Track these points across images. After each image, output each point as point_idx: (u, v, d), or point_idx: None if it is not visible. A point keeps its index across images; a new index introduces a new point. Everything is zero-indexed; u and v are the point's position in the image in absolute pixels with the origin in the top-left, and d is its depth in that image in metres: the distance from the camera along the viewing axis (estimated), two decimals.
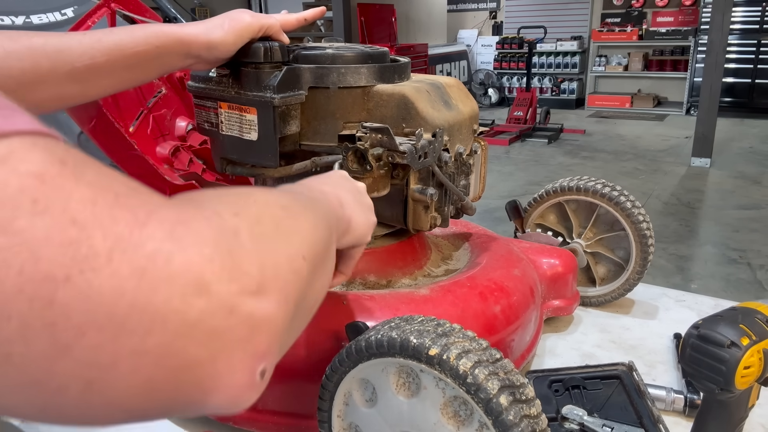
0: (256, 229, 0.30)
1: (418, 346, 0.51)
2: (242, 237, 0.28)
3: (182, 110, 1.06)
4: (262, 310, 0.27)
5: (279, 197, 0.37)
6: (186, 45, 0.66)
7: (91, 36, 0.62)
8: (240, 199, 0.32)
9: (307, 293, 0.35)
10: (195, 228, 0.26)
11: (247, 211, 0.31)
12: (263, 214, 0.32)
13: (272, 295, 0.28)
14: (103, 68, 0.61)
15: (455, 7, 10.38)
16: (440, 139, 0.74)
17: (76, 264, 0.22)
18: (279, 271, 0.30)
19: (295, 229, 0.35)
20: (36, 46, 0.58)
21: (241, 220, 0.29)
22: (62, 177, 0.22)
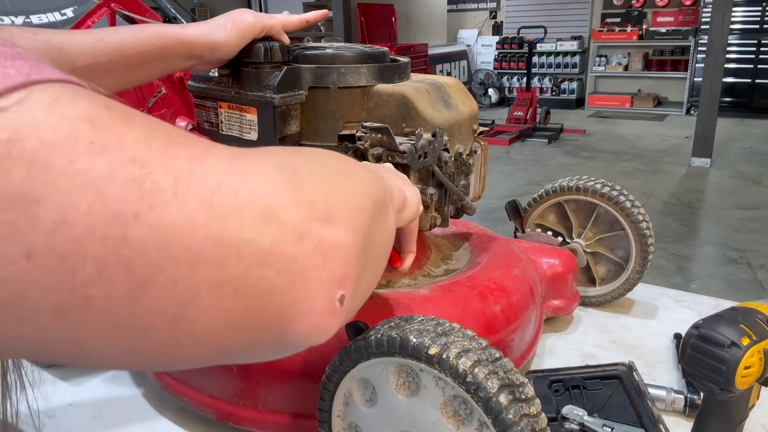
0: (315, 168, 0.30)
1: (418, 345, 0.51)
2: (301, 173, 0.28)
3: (182, 110, 1.06)
4: (332, 237, 0.27)
5: (332, 153, 0.37)
6: (188, 46, 0.67)
7: (94, 35, 0.62)
8: (292, 149, 0.33)
9: (374, 234, 0.34)
10: (254, 161, 0.26)
11: (302, 155, 0.31)
12: (319, 159, 0.32)
13: (340, 223, 0.28)
14: (105, 68, 0.61)
15: (455, 7, 10.38)
16: (440, 138, 0.75)
17: (144, 200, 0.22)
18: (343, 203, 0.30)
19: (353, 174, 0.35)
20: (38, 45, 0.57)
21: (299, 161, 0.30)
22: (112, 120, 0.22)
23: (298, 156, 0.31)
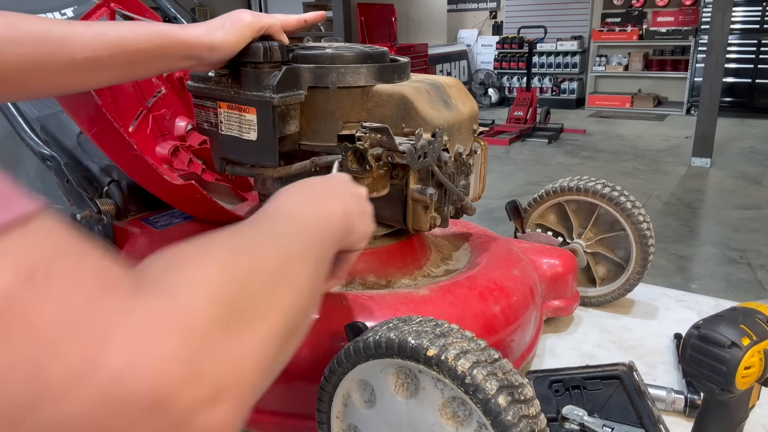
0: (225, 317, 0.29)
1: (416, 346, 0.51)
2: (208, 336, 0.28)
3: (182, 110, 1.06)
4: (214, 421, 0.28)
5: (264, 257, 0.36)
6: (187, 47, 0.67)
7: (95, 28, 0.61)
8: (217, 270, 0.31)
9: (279, 357, 0.35)
10: (155, 338, 0.26)
11: (219, 292, 0.30)
12: (237, 294, 0.31)
13: (228, 401, 0.28)
14: (104, 62, 0.61)
15: (455, 7, 10.37)
16: (440, 139, 0.74)
17: (36, 397, 0.22)
18: (240, 370, 0.30)
19: (273, 304, 0.34)
20: (38, 34, 0.57)
21: (210, 310, 0.29)
22: (25, 298, 0.23)
23: (216, 295, 0.30)
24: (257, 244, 0.37)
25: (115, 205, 0.96)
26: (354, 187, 0.58)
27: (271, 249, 0.37)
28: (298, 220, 0.45)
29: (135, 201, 1.00)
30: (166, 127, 1.03)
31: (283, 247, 0.39)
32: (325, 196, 0.52)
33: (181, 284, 0.29)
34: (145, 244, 0.93)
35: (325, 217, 0.49)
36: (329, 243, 0.47)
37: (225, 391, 0.28)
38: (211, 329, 0.28)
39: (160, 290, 0.28)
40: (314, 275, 0.41)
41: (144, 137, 0.98)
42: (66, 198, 0.97)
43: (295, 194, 0.50)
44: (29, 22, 0.58)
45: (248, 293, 0.32)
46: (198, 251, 0.33)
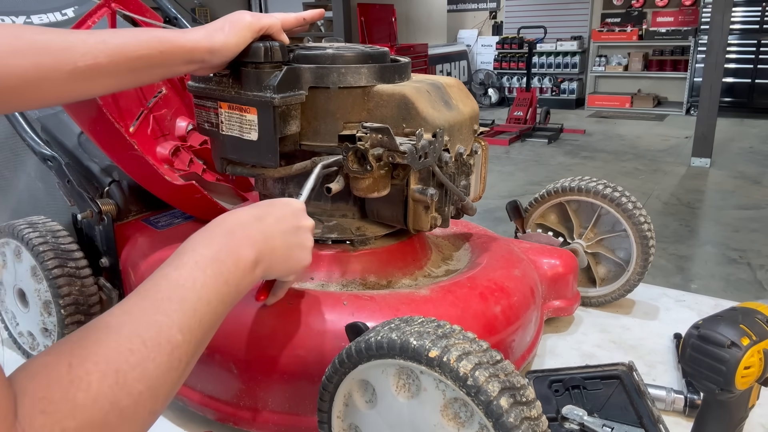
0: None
1: (419, 347, 0.51)
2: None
3: (182, 110, 1.06)
4: None
5: (131, 377, 0.41)
6: (189, 51, 0.67)
7: (96, 36, 0.62)
8: (78, 415, 0.37)
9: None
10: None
11: (81, 412, 0.36)
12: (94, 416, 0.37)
13: None
14: (106, 69, 0.62)
15: (455, 7, 10.37)
16: (440, 139, 0.74)
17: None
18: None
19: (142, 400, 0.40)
20: (39, 44, 0.58)
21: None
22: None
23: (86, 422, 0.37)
24: (123, 367, 0.41)
25: (116, 205, 0.96)
26: (289, 222, 0.62)
27: (136, 367, 0.41)
28: (184, 294, 0.48)
29: (136, 201, 1.00)
30: (167, 127, 1.03)
31: (151, 359, 0.43)
32: (242, 238, 0.56)
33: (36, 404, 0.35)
34: (146, 245, 0.93)
35: (226, 273, 0.52)
36: (228, 295, 0.52)
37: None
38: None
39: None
40: (190, 354, 0.46)
41: (145, 137, 0.99)
42: (67, 198, 0.97)
43: (202, 246, 0.54)
44: (30, 32, 0.59)
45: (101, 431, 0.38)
46: (66, 385, 0.37)
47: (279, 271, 0.62)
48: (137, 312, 0.45)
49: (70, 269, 0.89)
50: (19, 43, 0.57)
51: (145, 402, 0.41)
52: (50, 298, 0.89)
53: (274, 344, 0.69)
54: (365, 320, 0.64)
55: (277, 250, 0.60)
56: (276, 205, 0.63)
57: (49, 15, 1.07)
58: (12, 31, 0.58)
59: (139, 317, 0.44)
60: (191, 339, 0.46)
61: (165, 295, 0.47)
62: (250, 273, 0.56)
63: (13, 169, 1.28)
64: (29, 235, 0.90)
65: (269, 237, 0.59)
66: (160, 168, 0.90)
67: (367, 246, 0.84)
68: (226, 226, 0.56)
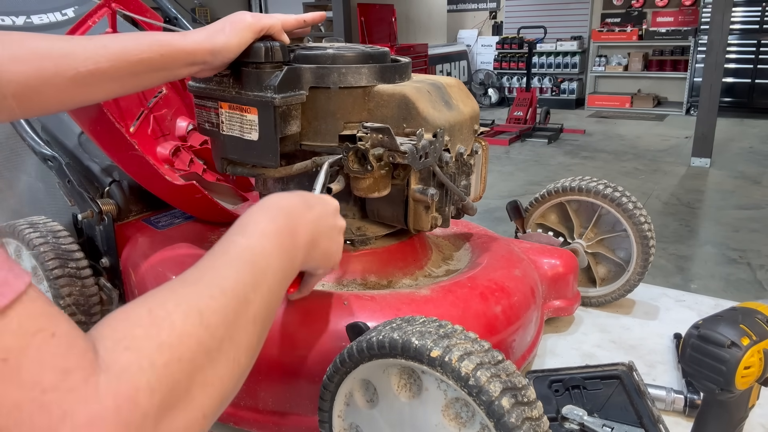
0: (168, 401, 0.34)
1: (420, 347, 0.51)
2: (148, 421, 0.32)
3: (183, 110, 1.06)
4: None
5: (211, 324, 0.39)
6: (190, 54, 0.67)
7: (97, 41, 0.62)
8: (162, 351, 0.35)
9: (220, 409, 0.40)
10: (102, 427, 0.30)
11: (161, 376, 0.34)
12: (178, 373, 0.35)
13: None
14: (108, 73, 0.62)
15: (455, 7, 10.37)
16: (441, 139, 0.74)
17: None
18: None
19: (212, 377, 0.38)
20: (41, 51, 0.58)
21: (154, 396, 0.33)
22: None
23: (172, 357, 0.35)
24: (205, 309, 0.40)
25: (117, 205, 0.96)
26: (333, 218, 0.63)
27: (217, 312, 0.41)
28: (254, 258, 0.48)
29: (136, 201, 1.00)
30: (168, 127, 1.03)
31: (230, 307, 0.42)
32: (299, 220, 0.57)
33: (130, 369, 0.33)
34: (147, 245, 0.93)
35: (288, 249, 0.53)
36: (288, 271, 0.53)
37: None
38: (148, 417, 0.32)
39: (112, 374, 0.32)
40: (262, 318, 0.46)
41: (145, 137, 0.99)
42: (67, 198, 0.97)
43: (266, 220, 0.54)
44: (32, 39, 0.59)
45: (188, 374, 0.36)
46: (149, 325, 0.36)
47: (315, 262, 0.62)
48: (211, 269, 0.44)
49: (71, 269, 0.89)
50: (20, 50, 0.57)
51: (229, 350, 0.40)
52: (51, 299, 0.89)
53: (275, 344, 0.69)
54: (366, 320, 0.64)
55: (319, 243, 0.60)
56: (320, 200, 0.63)
57: (49, 15, 1.07)
58: (13, 38, 0.58)
59: (215, 272, 0.44)
60: (263, 300, 0.46)
61: (236, 257, 0.47)
62: (303, 253, 0.56)
63: (14, 169, 1.28)
64: (30, 235, 0.90)
65: (317, 227, 0.59)
66: (161, 168, 0.90)
67: (368, 246, 0.84)
68: (285, 207, 0.56)
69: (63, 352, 0.31)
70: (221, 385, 0.39)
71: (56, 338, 0.31)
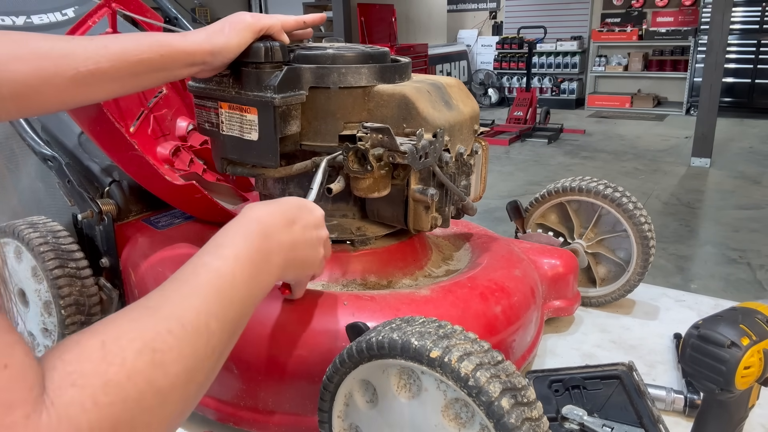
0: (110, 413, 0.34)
1: (420, 348, 0.51)
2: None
3: (183, 110, 1.06)
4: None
5: (168, 358, 0.39)
6: (190, 54, 0.67)
7: (97, 42, 0.63)
8: (108, 393, 0.35)
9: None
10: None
11: (110, 414, 0.34)
12: (126, 415, 0.35)
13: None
14: (108, 73, 0.62)
15: (455, 7, 10.37)
16: (441, 139, 0.74)
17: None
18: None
19: (158, 415, 0.38)
20: (41, 51, 0.58)
21: (95, 414, 0.33)
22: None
23: (119, 398, 0.35)
24: (160, 346, 0.39)
25: (116, 205, 0.96)
26: (316, 231, 0.64)
27: (173, 348, 0.40)
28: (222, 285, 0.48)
29: (136, 201, 1.00)
30: (168, 127, 1.03)
31: (188, 342, 0.42)
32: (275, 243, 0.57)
33: (73, 407, 0.33)
34: (147, 245, 0.93)
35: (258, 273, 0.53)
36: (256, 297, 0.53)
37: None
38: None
39: (55, 410, 0.32)
40: (221, 349, 0.45)
41: (145, 137, 0.99)
42: (67, 198, 0.97)
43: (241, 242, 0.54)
44: (32, 39, 0.59)
45: (134, 414, 0.36)
46: (99, 359, 0.36)
47: (292, 275, 0.64)
48: (176, 296, 0.44)
49: (71, 269, 0.89)
50: (21, 49, 0.57)
51: (182, 386, 0.40)
52: (50, 299, 0.89)
53: (275, 344, 0.69)
54: (366, 320, 0.64)
55: (297, 260, 0.61)
56: (303, 210, 0.63)
57: (49, 15, 1.07)
58: (14, 38, 0.58)
59: (178, 301, 0.44)
60: (225, 330, 0.46)
61: (204, 283, 0.47)
62: (276, 275, 0.57)
63: (14, 169, 1.28)
64: (30, 235, 0.90)
65: (294, 246, 0.60)
66: (161, 168, 0.90)
67: (368, 246, 0.84)
68: (262, 228, 0.56)
69: (10, 385, 0.30)
70: (168, 423, 0.39)
71: (7, 370, 0.31)
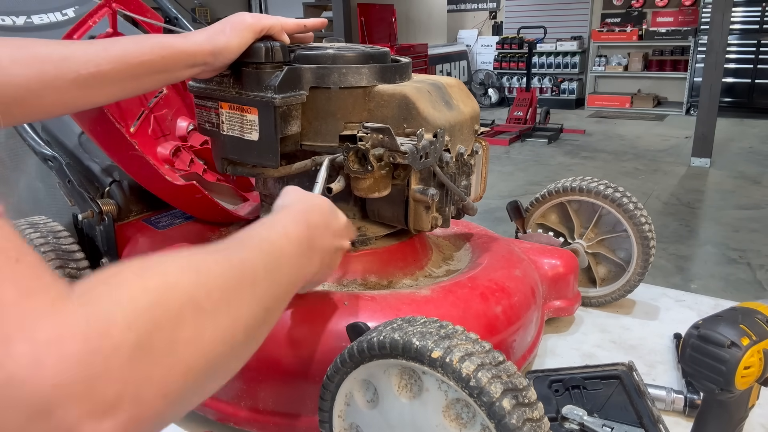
0: (145, 342, 0.30)
1: (421, 348, 0.51)
2: (119, 356, 0.28)
3: (183, 110, 1.06)
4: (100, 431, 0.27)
5: (206, 285, 0.36)
6: (191, 55, 0.67)
7: (98, 45, 0.63)
8: (147, 294, 0.31)
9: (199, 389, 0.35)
10: (62, 346, 0.26)
11: (140, 316, 0.30)
12: (160, 322, 0.31)
13: (120, 422, 0.28)
14: (108, 76, 0.62)
15: (455, 7, 10.37)
16: (441, 139, 0.74)
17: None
18: (141, 396, 0.29)
19: (198, 340, 0.34)
20: (42, 54, 0.58)
21: (130, 332, 0.29)
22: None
23: (142, 318, 0.30)
24: (205, 270, 0.37)
25: (117, 205, 0.96)
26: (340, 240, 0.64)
27: (218, 277, 0.38)
28: (272, 249, 0.48)
29: (136, 201, 1.00)
30: (168, 127, 1.03)
31: (234, 277, 0.40)
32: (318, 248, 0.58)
33: (106, 300, 0.30)
34: (147, 245, 0.93)
35: (303, 256, 0.54)
36: (299, 276, 0.53)
37: (118, 412, 0.28)
38: (119, 351, 0.28)
39: (85, 300, 0.29)
40: (268, 303, 0.43)
41: (145, 137, 0.99)
42: (67, 198, 0.97)
43: (292, 223, 0.54)
44: (32, 43, 0.60)
45: (172, 323, 0.32)
46: (138, 270, 0.33)
47: (317, 277, 0.63)
48: (224, 247, 0.44)
49: (71, 270, 0.89)
50: (21, 53, 0.57)
51: (224, 316, 0.36)
52: None
53: (276, 344, 0.69)
54: (366, 320, 0.64)
55: (325, 262, 0.61)
56: (336, 216, 0.64)
57: (49, 15, 1.07)
58: (13, 43, 0.58)
59: (227, 249, 0.43)
60: (270, 288, 0.44)
61: (254, 244, 0.47)
62: (312, 272, 0.58)
63: (14, 169, 1.28)
64: (30, 235, 0.90)
65: (327, 247, 0.61)
66: (161, 168, 0.90)
67: (368, 246, 0.84)
68: (310, 218, 0.57)
69: (27, 275, 0.27)
70: (211, 350, 0.35)
71: (20, 264, 0.27)
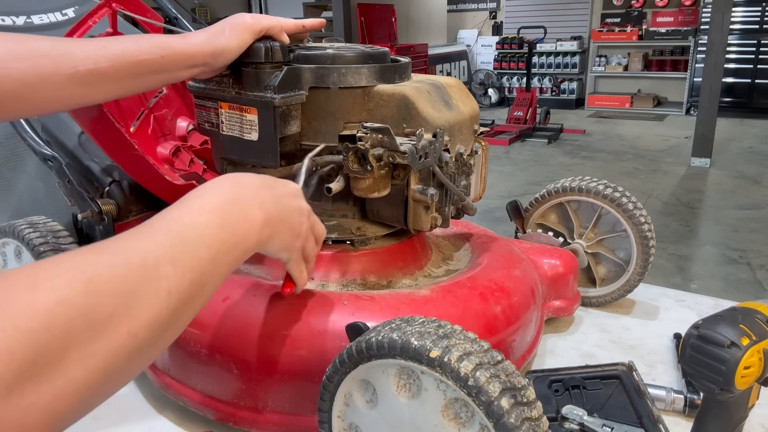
0: (28, 370, 0.31)
1: (419, 348, 0.51)
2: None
3: (183, 110, 1.06)
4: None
5: (104, 290, 0.36)
6: (190, 56, 0.68)
7: (97, 42, 0.63)
8: (29, 315, 0.32)
9: (95, 395, 0.36)
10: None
11: (32, 338, 0.31)
12: (51, 343, 0.32)
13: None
14: (107, 74, 0.62)
15: (455, 7, 10.38)
16: (441, 139, 0.74)
17: None
18: (29, 423, 0.31)
19: (91, 352, 0.35)
20: (40, 50, 0.58)
21: (12, 361, 0.30)
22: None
23: (40, 323, 0.32)
24: (97, 278, 0.37)
25: (117, 205, 0.96)
26: (297, 199, 0.60)
27: (110, 281, 0.37)
28: (183, 230, 0.45)
29: (136, 201, 1.00)
30: (168, 127, 1.03)
31: (131, 278, 0.39)
32: (252, 197, 0.53)
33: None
34: None
35: (232, 222, 0.50)
36: (230, 244, 0.49)
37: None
38: (1, 381, 0.30)
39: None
40: (181, 293, 0.42)
41: (145, 137, 0.99)
42: (67, 198, 0.97)
43: (210, 194, 0.51)
44: (31, 39, 0.59)
45: (61, 344, 0.33)
46: (28, 284, 0.34)
47: (279, 242, 0.58)
48: (126, 239, 0.42)
49: None
50: (19, 48, 0.58)
51: (121, 323, 0.36)
52: None
53: (275, 344, 0.69)
54: (366, 320, 0.64)
55: (282, 222, 0.57)
56: (279, 182, 0.60)
57: (49, 15, 1.07)
58: (12, 38, 0.58)
59: (128, 243, 0.41)
60: (184, 277, 0.42)
61: (160, 229, 0.44)
62: (257, 232, 0.53)
63: (14, 169, 1.28)
64: (30, 235, 0.90)
65: (278, 205, 0.56)
66: (161, 168, 0.90)
67: (368, 246, 0.84)
68: (235, 180, 0.53)
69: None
70: (106, 360, 0.35)
71: None
